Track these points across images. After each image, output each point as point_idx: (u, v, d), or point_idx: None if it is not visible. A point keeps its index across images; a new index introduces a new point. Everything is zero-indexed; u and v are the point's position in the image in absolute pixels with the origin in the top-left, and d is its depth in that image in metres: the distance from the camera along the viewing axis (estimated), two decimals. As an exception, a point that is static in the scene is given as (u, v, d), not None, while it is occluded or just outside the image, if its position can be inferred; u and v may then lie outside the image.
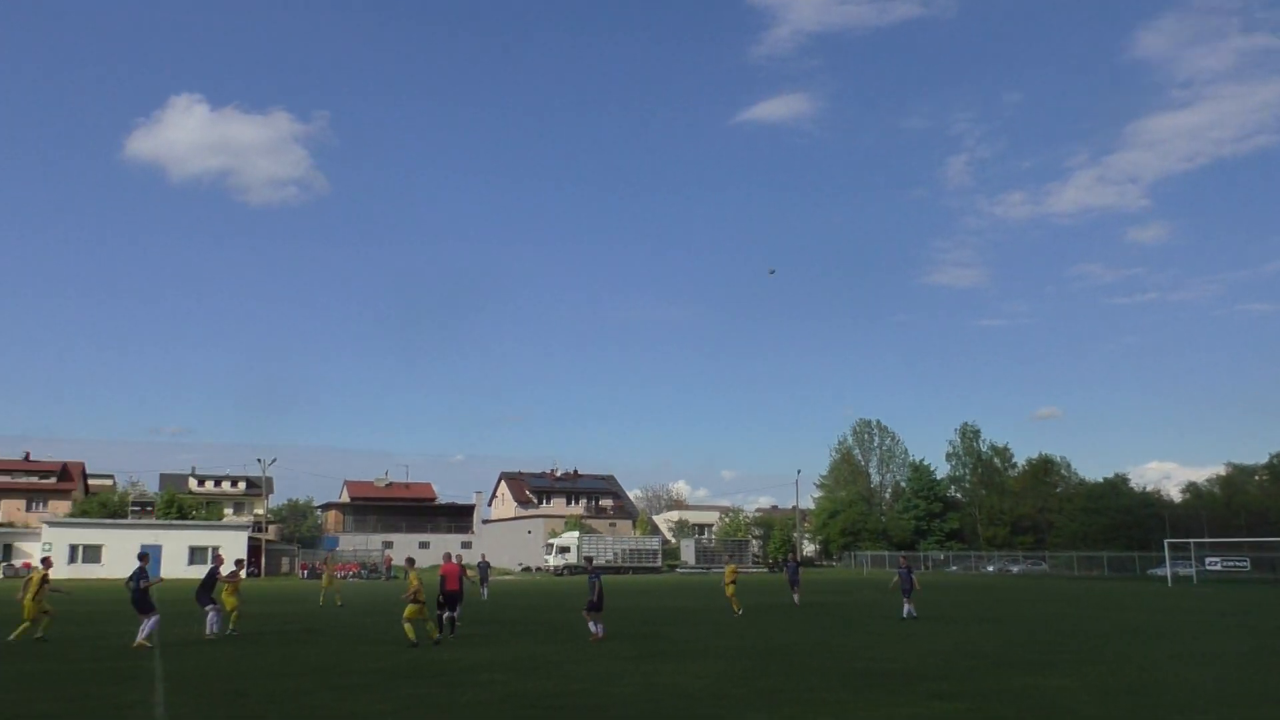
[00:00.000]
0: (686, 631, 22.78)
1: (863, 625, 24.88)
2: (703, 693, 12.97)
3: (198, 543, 71.05)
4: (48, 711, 11.08)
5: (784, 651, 18.38)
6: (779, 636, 21.63)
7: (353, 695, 12.52)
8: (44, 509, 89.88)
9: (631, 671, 15.21)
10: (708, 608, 32.08)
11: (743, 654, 17.86)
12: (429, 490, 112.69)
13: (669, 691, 13.07)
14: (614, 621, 25.96)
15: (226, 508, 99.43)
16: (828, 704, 11.99)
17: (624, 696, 12.60)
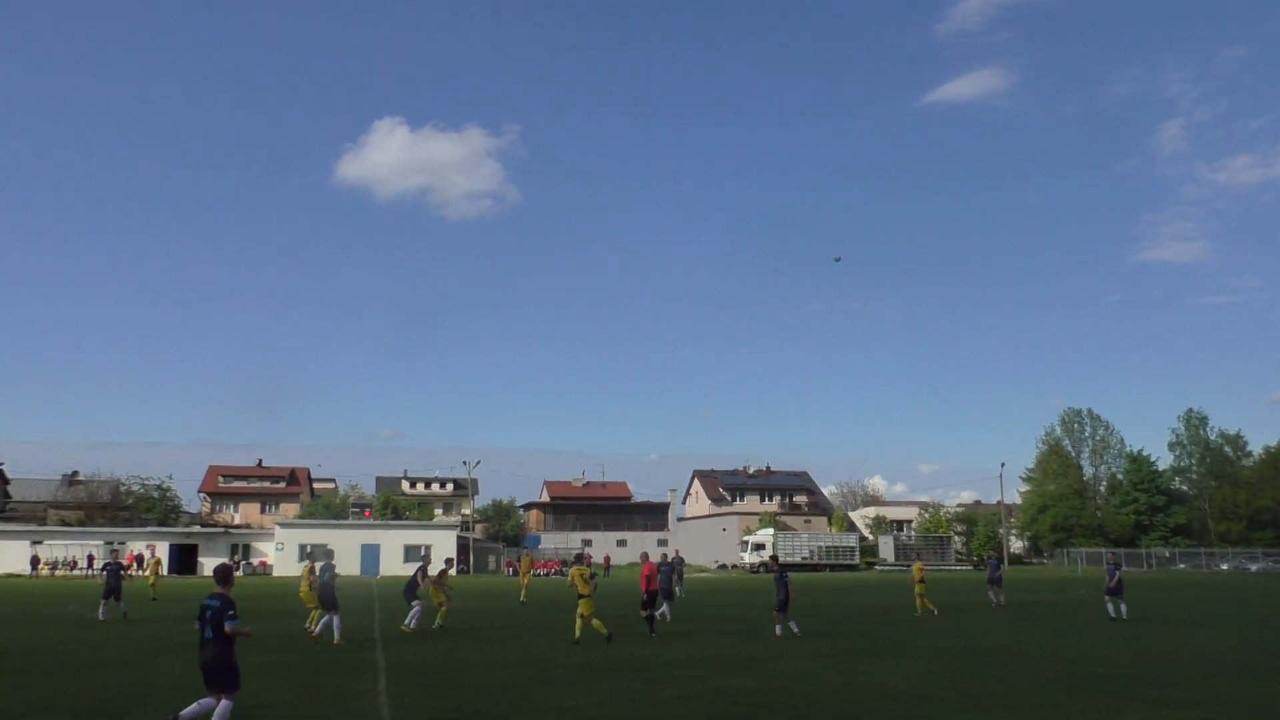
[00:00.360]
0: (886, 630, 22.23)
1: (1077, 626, 23.51)
2: (906, 693, 12.62)
3: (412, 541, 75.17)
4: (285, 700, 12.00)
5: (992, 652, 17.63)
6: (985, 637, 20.76)
7: (558, 689, 12.92)
8: (276, 511, 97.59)
9: (831, 670, 14.98)
10: (907, 605, 31.18)
11: (947, 654, 17.25)
12: (624, 489, 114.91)
13: (871, 691, 12.80)
14: (813, 619, 25.64)
15: (436, 508, 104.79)
16: (1043, 708, 11.41)
17: (825, 694, 12.43)
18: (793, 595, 19.95)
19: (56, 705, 11.38)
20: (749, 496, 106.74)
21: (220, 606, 9.12)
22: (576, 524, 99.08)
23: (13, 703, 11.55)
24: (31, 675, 14.10)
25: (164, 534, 75.72)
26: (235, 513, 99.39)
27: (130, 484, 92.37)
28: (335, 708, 11.35)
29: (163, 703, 11.61)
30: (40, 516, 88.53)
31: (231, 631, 9.01)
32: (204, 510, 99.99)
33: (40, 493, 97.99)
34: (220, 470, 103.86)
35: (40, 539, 71.89)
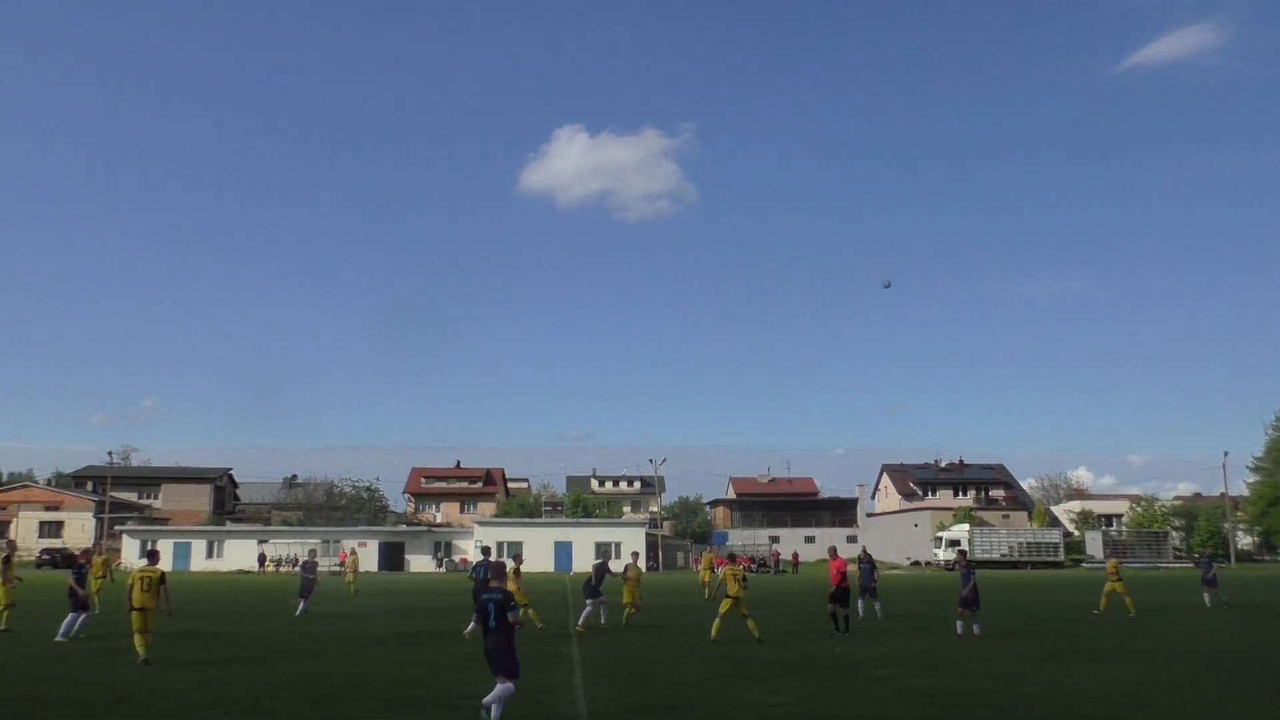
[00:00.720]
0: (1094, 631, 20.97)
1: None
2: (1123, 699, 11.85)
3: (602, 539, 76.84)
4: (484, 691, 12.48)
5: (1218, 658, 16.33)
6: (1209, 640, 19.26)
7: (750, 686, 12.87)
8: (474, 510, 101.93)
9: (1037, 671, 14.27)
10: (1117, 605, 29.34)
11: (1167, 659, 16.10)
12: (811, 485, 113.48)
13: (1082, 695, 12.09)
14: (1016, 618, 24.52)
15: (625, 506, 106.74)
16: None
17: (1031, 698, 11.85)
18: (979, 591, 19.19)
19: (285, 692, 12.26)
20: (941, 491, 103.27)
21: (502, 599, 9.98)
22: (763, 520, 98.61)
23: (248, 689, 12.54)
24: (263, 664, 15.26)
25: (374, 533, 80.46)
26: (437, 512, 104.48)
27: (342, 486, 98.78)
28: (533, 700, 11.71)
29: (376, 690, 12.33)
30: (265, 517, 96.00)
31: (514, 621, 9.94)
32: (409, 510, 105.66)
33: (265, 495, 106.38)
34: (422, 472, 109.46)
35: (266, 538, 77.82)
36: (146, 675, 13.74)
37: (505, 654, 9.93)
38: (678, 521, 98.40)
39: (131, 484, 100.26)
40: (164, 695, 11.88)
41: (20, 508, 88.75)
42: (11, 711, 10.79)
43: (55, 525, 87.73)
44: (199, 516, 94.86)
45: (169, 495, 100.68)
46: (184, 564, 73.93)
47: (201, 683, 13.02)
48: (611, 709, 11.07)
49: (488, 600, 10.00)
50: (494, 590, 10.11)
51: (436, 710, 10.98)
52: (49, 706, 11.10)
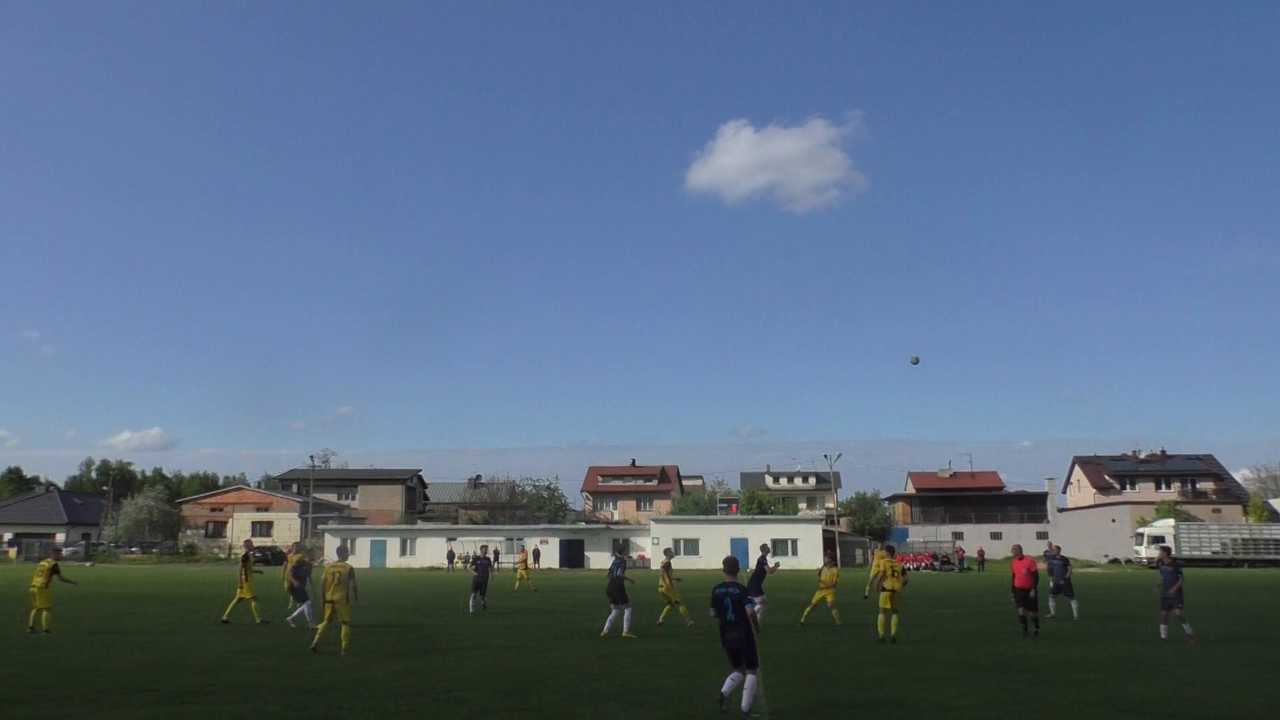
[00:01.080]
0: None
1: None
2: (1360, 710, 10.78)
3: (778, 535, 76.20)
4: (669, 687, 12.58)
5: None
6: None
7: (938, 687, 12.45)
8: (650, 508, 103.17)
9: (1259, 680, 13.17)
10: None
11: None
12: (995, 479, 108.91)
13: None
14: (1232, 621, 22.76)
15: (800, 502, 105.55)
16: None
17: (1252, 709, 10.94)
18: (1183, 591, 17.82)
19: (476, 683, 12.74)
20: (1141, 484, 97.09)
21: (739, 593, 10.43)
22: (945, 516, 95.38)
23: (441, 680, 13.10)
24: (454, 656, 15.91)
25: (554, 530, 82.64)
26: (614, 509, 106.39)
27: (524, 485, 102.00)
28: (713, 697, 11.71)
29: (562, 683, 12.64)
30: (452, 516, 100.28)
31: (751, 614, 10.31)
32: (587, 508, 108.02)
33: (452, 495, 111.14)
34: (599, 470, 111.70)
35: (454, 536, 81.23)
36: (350, 666, 14.57)
37: (748, 646, 10.22)
38: (855, 518, 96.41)
39: (331, 485, 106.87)
40: (366, 686, 12.56)
41: (235, 509, 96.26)
42: (229, 697, 11.67)
43: (265, 525, 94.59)
44: (392, 516, 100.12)
45: (365, 496, 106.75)
46: (380, 561, 78.14)
47: (400, 674, 13.69)
48: (795, 707, 10.93)
49: (724, 595, 10.43)
50: (731, 586, 10.54)
51: (620, 704, 11.14)
52: (261, 693, 11.93)
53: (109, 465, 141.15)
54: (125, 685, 12.42)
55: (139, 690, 12.03)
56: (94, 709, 10.75)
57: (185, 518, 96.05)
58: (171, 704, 11.07)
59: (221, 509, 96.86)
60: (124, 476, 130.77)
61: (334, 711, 10.69)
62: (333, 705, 11.08)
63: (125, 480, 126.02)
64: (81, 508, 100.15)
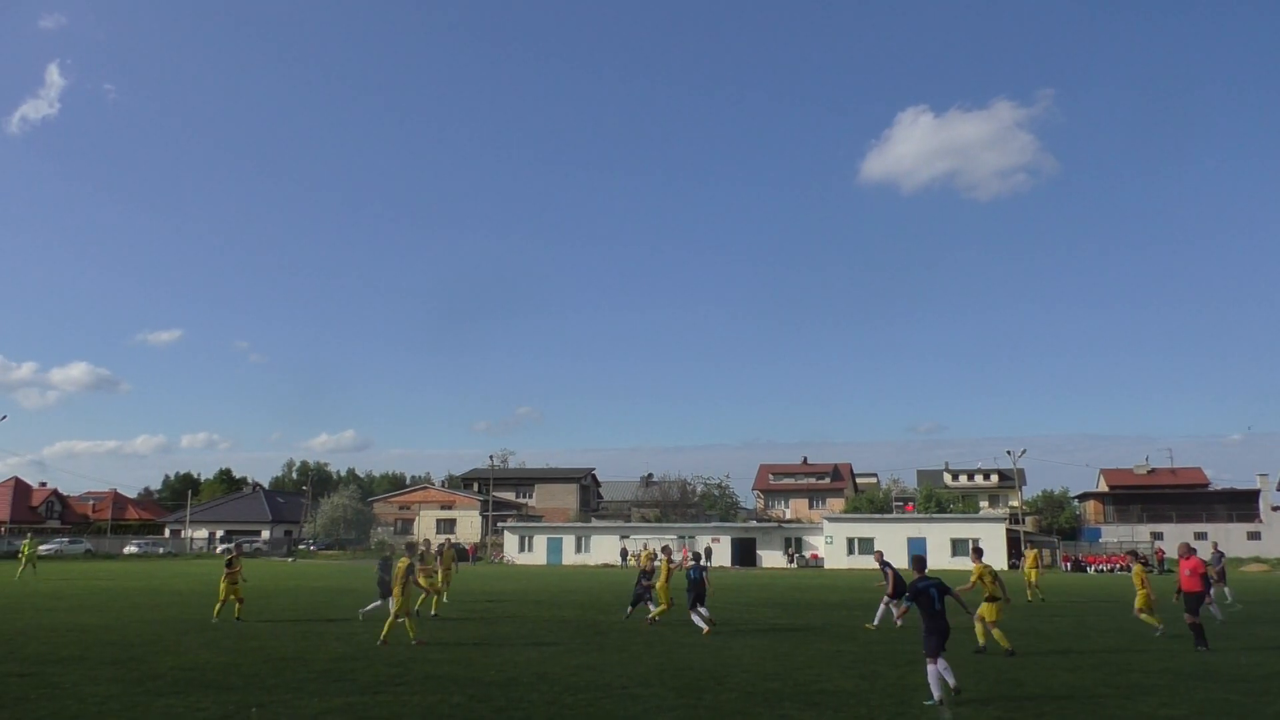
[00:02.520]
0: None
1: None
2: None
3: (958, 535, 73.58)
4: (847, 689, 12.35)
5: None
6: None
7: (1139, 695, 11.71)
8: (823, 506, 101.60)
9: None
10: None
11: None
12: (1199, 475, 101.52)
13: None
14: None
15: (981, 500, 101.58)
16: None
17: None
18: None
19: (651, 680, 12.88)
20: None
21: (939, 583, 11.39)
22: (1142, 515, 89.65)
23: (618, 676, 13.31)
24: (629, 653, 16.13)
25: (726, 529, 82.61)
26: (786, 508, 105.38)
27: (695, 484, 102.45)
28: (896, 699, 11.42)
29: (736, 682, 12.60)
30: (625, 514, 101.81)
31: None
32: (758, 506, 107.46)
33: (624, 493, 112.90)
34: (770, 469, 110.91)
35: (627, 534, 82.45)
36: (531, 660, 15.01)
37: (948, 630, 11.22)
38: (1041, 516, 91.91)
39: (510, 484, 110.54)
40: (546, 680, 12.91)
41: (421, 507, 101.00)
42: (419, 688, 12.23)
43: (449, 522, 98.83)
44: (567, 514, 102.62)
45: (541, 494, 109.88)
46: (557, 558, 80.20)
47: (578, 669, 13.99)
48: (978, 715, 10.50)
49: (929, 587, 11.35)
50: (927, 579, 11.47)
51: (796, 704, 11.02)
52: (448, 684, 12.44)
53: (308, 466, 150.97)
54: (325, 674, 13.22)
55: (338, 679, 12.78)
56: (298, 695, 11.49)
57: (376, 515, 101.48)
58: (366, 693, 11.69)
59: (409, 507, 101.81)
60: (321, 476, 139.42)
61: (516, 703, 11.03)
62: (514, 697, 11.43)
63: (322, 480, 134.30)
64: (284, 506, 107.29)
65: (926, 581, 11.39)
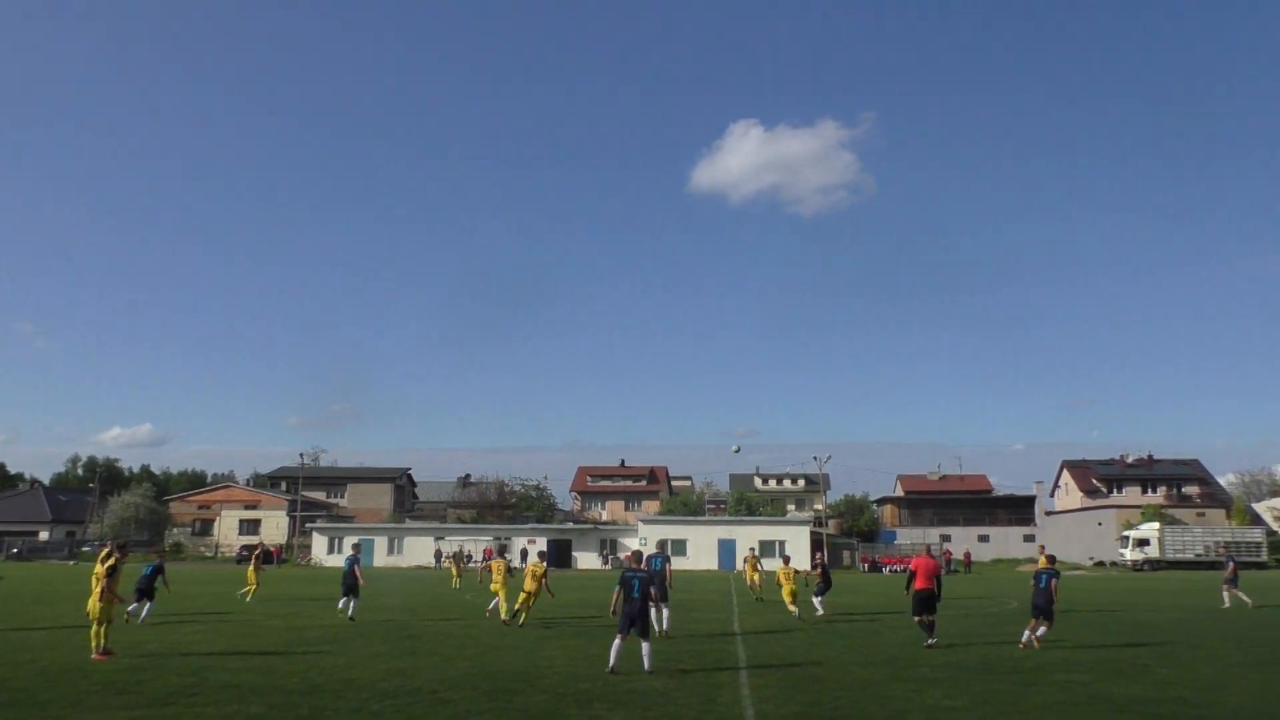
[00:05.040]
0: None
1: None
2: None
3: (766, 537, 76.31)
4: (656, 689, 12.61)
5: None
6: None
7: (923, 688, 12.50)
8: (638, 508, 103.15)
9: (1239, 680, 13.27)
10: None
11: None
12: (985, 482, 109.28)
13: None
14: (1214, 623, 22.91)
15: (789, 503, 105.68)
16: None
17: (1235, 708, 11.02)
18: None
19: (462, 684, 12.74)
20: (1128, 488, 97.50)
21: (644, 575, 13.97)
22: (933, 519, 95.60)
23: (428, 680, 13.10)
24: (441, 657, 15.89)
25: (542, 530, 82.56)
26: (602, 510, 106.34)
27: (513, 485, 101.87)
28: (702, 697, 11.75)
29: (549, 683, 12.63)
30: (441, 515, 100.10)
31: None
32: (575, 507, 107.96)
33: (441, 494, 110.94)
34: (588, 470, 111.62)
35: (442, 535, 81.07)
36: (337, 666, 14.56)
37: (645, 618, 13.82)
38: (843, 520, 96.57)
39: (320, 484, 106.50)
40: (352, 686, 12.55)
41: (223, 507, 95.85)
42: (215, 698, 11.63)
43: (253, 523, 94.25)
44: (381, 514, 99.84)
45: (354, 494, 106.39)
46: (368, 560, 77.91)
47: (387, 674, 13.67)
48: (779, 710, 10.96)
49: (633, 577, 13.72)
50: (638, 572, 13.92)
51: (605, 704, 11.16)
52: (246, 693, 11.90)
53: (95, 461, 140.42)
54: (108, 686, 12.37)
55: (122, 691, 11.99)
56: (76, 711, 10.69)
57: (172, 515, 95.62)
58: (154, 706, 11.02)
59: (209, 506, 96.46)
60: (111, 474, 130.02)
61: (320, 712, 10.68)
62: (319, 705, 11.06)
63: (112, 478, 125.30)
64: (67, 505, 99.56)
65: (634, 573, 13.75)
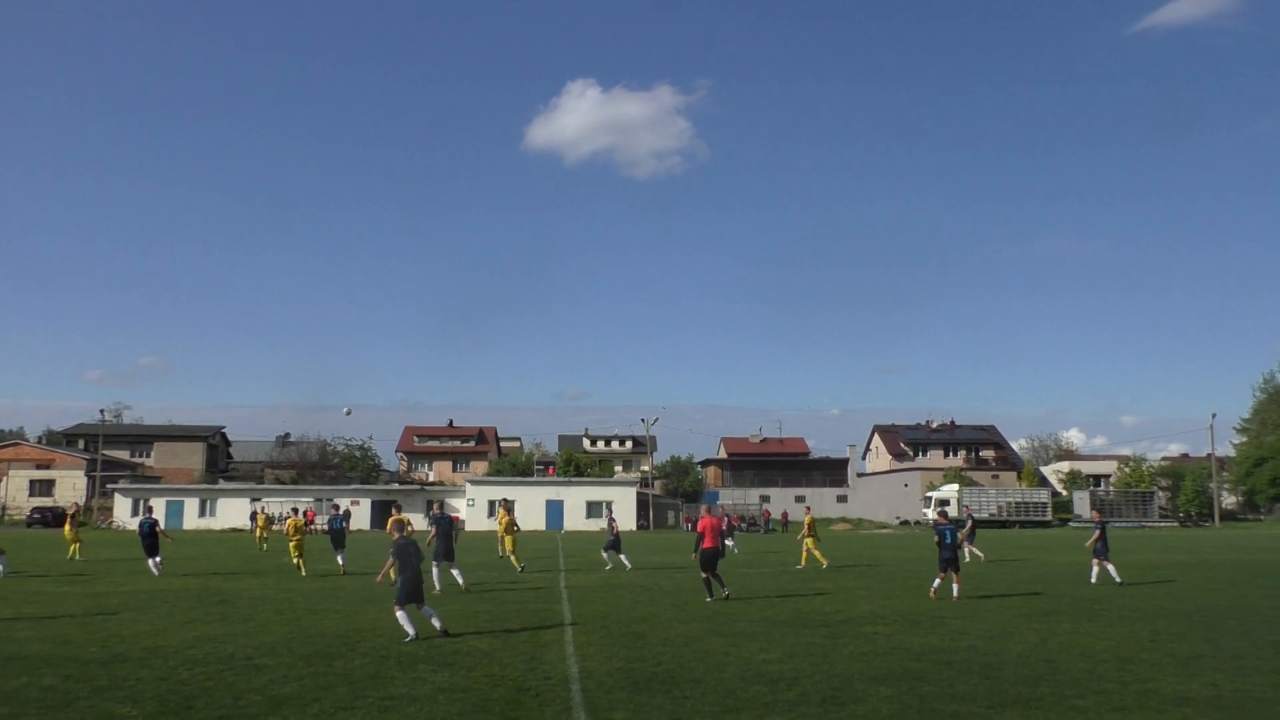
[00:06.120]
0: (1082, 590, 21.20)
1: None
2: (1106, 653, 12.02)
3: (594, 498, 77.28)
4: (481, 648, 12.61)
5: (1201, 615, 16.54)
6: (1194, 599, 19.51)
7: (741, 642, 13.01)
8: (466, 469, 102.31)
9: (1024, 629, 14.44)
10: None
11: (1154, 615, 16.32)
12: (803, 445, 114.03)
13: (1067, 651, 12.26)
14: (1003, 577, 24.79)
15: (617, 465, 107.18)
16: (1261, 672, 10.63)
17: (1017, 655, 12.01)
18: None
19: (280, 649, 12.36)
20: (932, 451, 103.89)
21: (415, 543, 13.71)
22: (754, 480, 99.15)
23: (242, 646, 12.64)
24: (256, 622, 15.36)
25: (366, 491, 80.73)
26: (429, 470, 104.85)
27: (336, 445, 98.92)
28: (528, 656, 11.84)
29: (370, 646, 12.42)
30: (258, 475, 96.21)
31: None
32: (401, 468, 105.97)
33: (258, 454, 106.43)
34: (415, 430, 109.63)
35: (259, 496, 78.00)
36: (141, 633, 13.83)
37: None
38: (669, 481, 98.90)
39: (124, 442, 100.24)
40: (157, 654, 11.97)
41: (10, 466, 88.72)
42: (2, 670, 10.86)
43: (47, 484, 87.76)
44: (191, 475, 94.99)
45: (161, 454, 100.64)
46: (177, 522, 74.13)
47: (196, 640, 13.10)
48: (602, 665, 11.17)
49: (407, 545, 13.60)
50: (409, 539, 13.78)
51: (430, 666, 11.08)
52: (37, 664, 11.17)
53: None
54: (-122, 658, 11.34)
55: (-106, 663, 11.02)
56: None
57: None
58: (-67, 677, 10.20)
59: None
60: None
61: (121, 682, 10.14)
62: (120, 675, 10.50)
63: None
64: None
65: (406, 540, 13.57)
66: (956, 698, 9.39)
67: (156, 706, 8.97)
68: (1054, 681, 10.25)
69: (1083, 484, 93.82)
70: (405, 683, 10.10)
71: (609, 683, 10.13)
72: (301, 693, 9.60)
